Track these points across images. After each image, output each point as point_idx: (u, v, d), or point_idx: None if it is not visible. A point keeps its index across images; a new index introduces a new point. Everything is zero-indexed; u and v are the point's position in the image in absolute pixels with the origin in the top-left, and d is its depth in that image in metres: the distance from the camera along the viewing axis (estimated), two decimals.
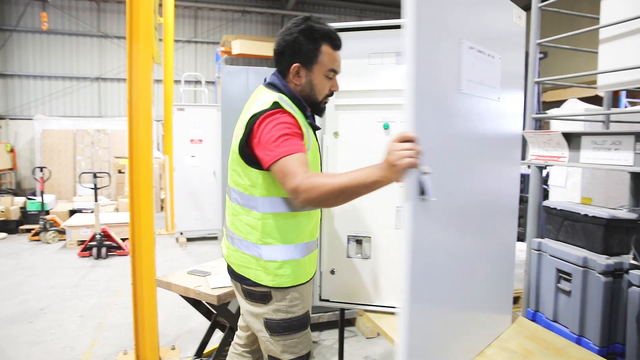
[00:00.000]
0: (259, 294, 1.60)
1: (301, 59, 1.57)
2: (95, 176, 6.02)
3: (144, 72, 3.08)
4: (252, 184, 1.55)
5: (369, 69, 2.05)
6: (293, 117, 1.50)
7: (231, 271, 1.67)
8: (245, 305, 1.65)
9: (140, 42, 3.01)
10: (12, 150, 10.32)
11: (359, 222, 2.11)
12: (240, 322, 1.89)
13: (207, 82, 11.19)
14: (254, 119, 1.48)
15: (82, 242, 6.26)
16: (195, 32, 12.02)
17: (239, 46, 9.86)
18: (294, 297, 1.60)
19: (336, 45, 1.61)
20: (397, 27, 1.99)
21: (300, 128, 1.50)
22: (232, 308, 2.68)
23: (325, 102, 1.68)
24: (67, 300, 4.47)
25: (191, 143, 6.70)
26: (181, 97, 8.02)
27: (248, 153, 1.53)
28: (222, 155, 3.57)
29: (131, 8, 2.94)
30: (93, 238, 5.98)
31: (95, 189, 6.00)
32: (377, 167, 1.27)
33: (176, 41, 11.94)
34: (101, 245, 5.93)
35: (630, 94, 7.95)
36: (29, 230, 7.36)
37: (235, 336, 1.95)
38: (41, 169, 7.43)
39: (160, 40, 6.91)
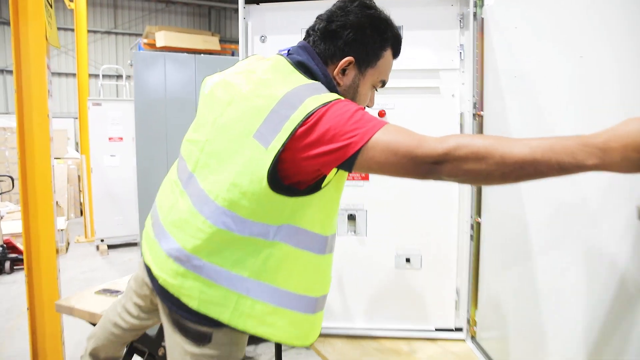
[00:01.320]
0: (195, 333, 1.16)
1: (359, 55, 1.14)
2: None
3: (35, 55, 2.57)
4: (265, 211, 1.08)
5: None
6: None
7: (168, 296, 1.17)
8: (170, 333, 1.23)
9: (28, 18, 2.49)
10: None
11: None
12: (133, 310, 1.41)
13: (129, 76, 10.34)
14: (305, 117, 0.98)
15: None
16: (115, 22, 11.10)
17: (163, 38, 9.13)
18: (240, 341, 1.20)
19: (398, 52, 1.22)
20: None
21: None
22: (149, 331, 2.25)
23: None
24: None
25: (110, 141, 6.02)
26: (100, 91, 7.26)
27: (275, 168, 1.03)
28: (137, 153, 3.08)
29: None
30: None
31: None
32: (590, 144, 0.79)
33: (94, 32, 11.00)
34: (4, 259, 5.14)
35: None
36: None
37: (118, 317, 1.46)
38: None
39: (72, 30, 6.19)
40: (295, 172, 1.05)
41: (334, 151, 0.97)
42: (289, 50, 1.20)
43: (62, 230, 6.00)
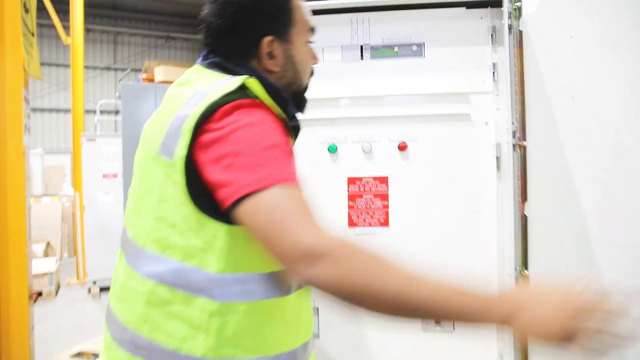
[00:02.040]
0: None
1: (272, 27, 0.91)
2: None
3: (11, 86, 2.33)
4: (204, 247, 0.83)
5: None
6: (278, 119, 0.84)
7: None
8: None
9: (5, 45, 2.27)
10: None
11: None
12: None
13: None
14: (207, 113, 0.77)
15: None
16: (114, 58, 11.07)
17: (162, 73, 9.02)
18: None
19: None
20: (341, 10, 1.43)
21: (289, 143, 0.83)
22: None
23: (307, 87, 1.01)
24: None
25: (104, 178, 5.77)
26: (97, 127, 7.06)
27: (196, 183, 0.81)
28: (125, 191, 2.81)
29: None
30: None
31: None
32: (502, 302, 0.66)
33: (93, 68, 10.95)
34: None
35: None
36: None
37: None
38: None
39: (68, 66, 6.07)
40: (215, 191, 0.80)
41: (220, 186, 0.75)
42: (205, 59, 0.96)
43: (52, 273, 5.67)
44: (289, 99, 0.90)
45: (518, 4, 1.32)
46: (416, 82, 1.41)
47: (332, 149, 1.41)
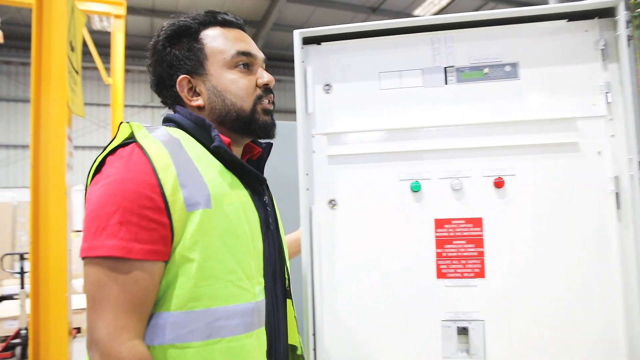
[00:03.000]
0: None
1: (185, 66, 0.97)
2: (22, 258, 4.84)
3: (55, 125, 2.22)
4: None
5: (380, 97, 1.24)
6: (150, 176, 0.80)
7: None
8: None
9: (51, 81, 2.17)
10: None
11: (372, 352, 1.20)
12: None
13: None
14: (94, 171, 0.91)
15: (5, 338, 4.92)
16: (151, 96, 11.27)
17: None
18: None
19: (225, 20, 0.99)
20: (420, 28, 1.23)
21: (160, 211, 0.79)
22: None
23: (266, 110, 0.99)
24: None
25: None
26: None
27: None
28: None
29: (39, 42, 2.13)
30: (17, 334, 4.67)
31: (22, 273, 4.78)
32: None
33: (131, 106, 11.15)
34: (27, 344, 4.64)
35: None
36: None
37: None
38: None
39: (108, 105, 6.14)
40: None
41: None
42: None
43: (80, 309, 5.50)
44: (211, 125, 0.92)
45: None
46: (511, 108, 1.18)
47: (416, 187, 1.18)
